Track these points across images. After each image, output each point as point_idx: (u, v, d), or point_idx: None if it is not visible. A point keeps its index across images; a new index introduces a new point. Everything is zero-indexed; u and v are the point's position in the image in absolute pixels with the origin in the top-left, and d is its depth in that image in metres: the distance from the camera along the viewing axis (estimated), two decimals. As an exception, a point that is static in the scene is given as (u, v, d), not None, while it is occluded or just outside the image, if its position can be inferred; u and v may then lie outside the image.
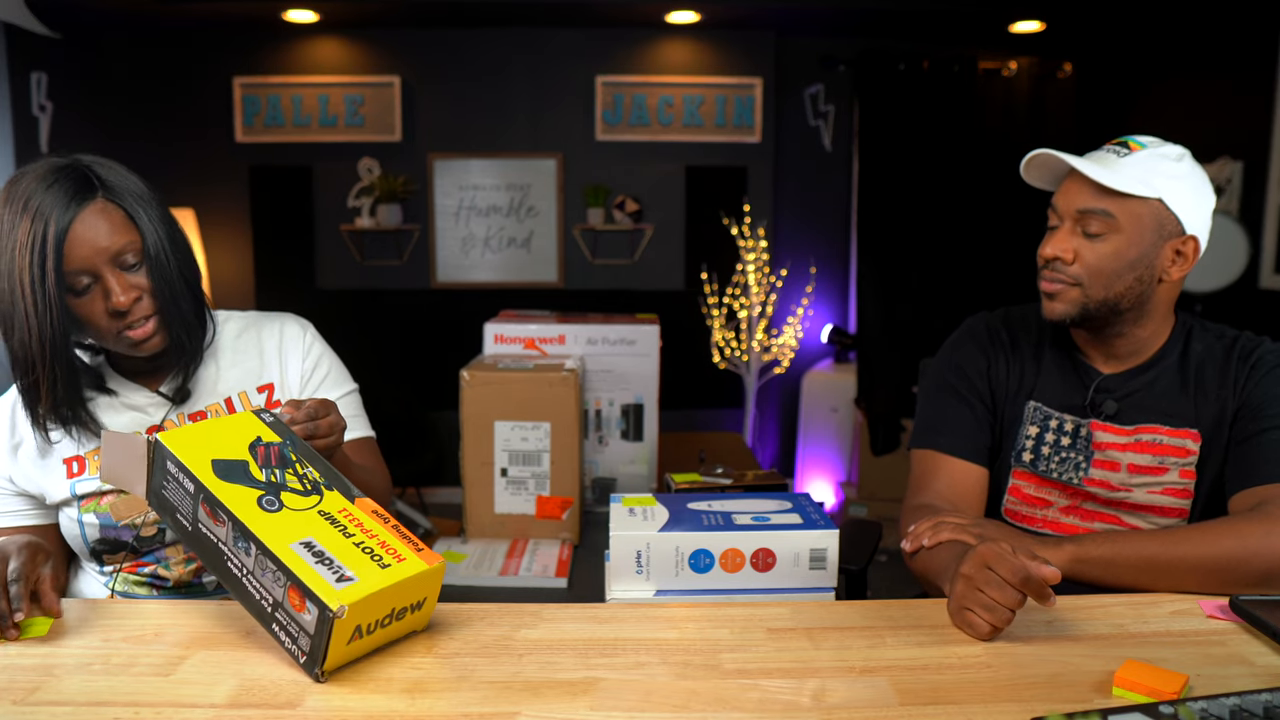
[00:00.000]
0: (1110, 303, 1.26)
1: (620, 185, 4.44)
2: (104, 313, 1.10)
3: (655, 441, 2.01)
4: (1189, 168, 1.26)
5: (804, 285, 4.56)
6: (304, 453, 1.01)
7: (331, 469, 1.01)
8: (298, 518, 0.93)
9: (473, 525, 1.80)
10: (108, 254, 1.08)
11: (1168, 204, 1.22)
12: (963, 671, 0.87)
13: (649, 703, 0.82)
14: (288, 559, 0.87)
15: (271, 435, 1.02)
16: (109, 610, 1.03)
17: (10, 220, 1.05)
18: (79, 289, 1.09)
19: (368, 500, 0.99)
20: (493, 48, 4.36)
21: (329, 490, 0.98)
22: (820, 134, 4.55)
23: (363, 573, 0.88)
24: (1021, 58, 4.37)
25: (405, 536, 0.95)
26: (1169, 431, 1.28)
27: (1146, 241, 1.23)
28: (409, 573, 0.90)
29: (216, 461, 0.95)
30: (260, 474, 0.96)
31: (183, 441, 0.97)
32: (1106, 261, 1.24)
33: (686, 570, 1.07)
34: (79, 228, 1.06)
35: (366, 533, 0.94)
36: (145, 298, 1.13)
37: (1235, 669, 0.88)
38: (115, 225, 1.09)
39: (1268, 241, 3.38)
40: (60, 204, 1.05)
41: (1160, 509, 1.28)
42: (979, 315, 1.48)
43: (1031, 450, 1.35)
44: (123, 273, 1.11)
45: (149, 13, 3.92)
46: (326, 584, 0.85)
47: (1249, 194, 3.48)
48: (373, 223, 4.41)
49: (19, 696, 0.82)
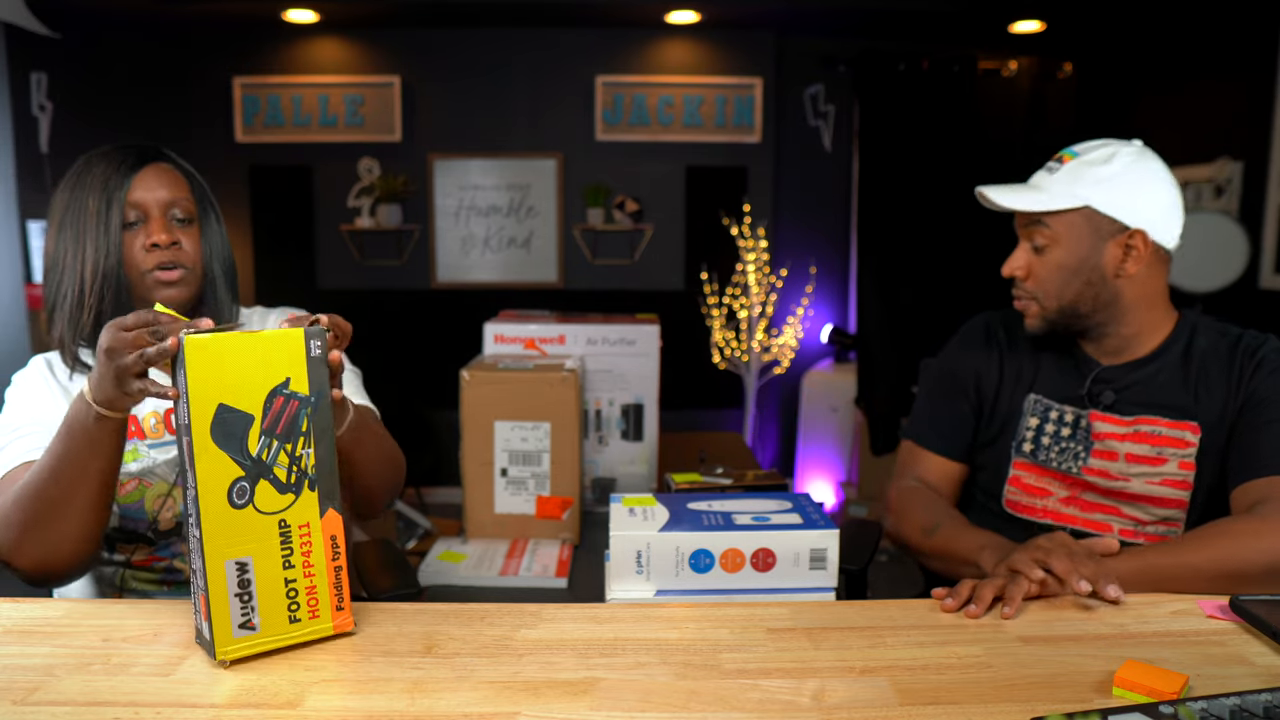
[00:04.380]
0: (1069, 309, 1.32)
1: (620, 185, 4.44)
2: (142, 247, 1.21)
3: (655, 441, 2.01)
4: (1122, 165, 1.28)
5: (804, 285, 4.56)
6: (318, 423, 0.93)
7: (332, 456, 0.94)
8: (255, 524, 0.89)
9: (473, 525, 1.80)
10: (162, 201, 1.23)
11: (1096, 208, 1.28)
12: (963, 671, 0.88)
13: (649, 703, 0.82)
14: (213, 574, 0.87)
15: (303, 382, 0.91)
16: (109, 610, 1.03)
17: (87, 170, 1.22)
18: (128, 220, 1.22)
19: (337, 518, 0.94)
20: (493, 48, 4.36)
21: (310, 490, 0.92)
22: (820, 134, 4.55)
23: (268, 624, 0.90)
24: (1021, 58, 4.37)
25: (338, 586, 0.94)
26: (1168, 423, 1.29)
27: (1085, 247, 1.29)
28: (310, 636, 0.93)
29: (222, 409, 0.87)
30: (256, 443, 0.89)
31: (206, 359, 0.86)
32: (1052, 273, 1.31)
33: (686, 570, 1.07)
34: (145, 174, 1.23)
35: (306, 567, 0.92)
36: (183, 250, 1.23)
37: (1235, 669, 0.88)
38: (175, 182, 1.25)
39: (1268, 241, 3.38)
40: (134, 157, 1.23)
41: (1159, 499, 1.29)
42: (980, 315, 1.52)
43: (1032, 441, 1.38)
44: (169, 222, 1.24)
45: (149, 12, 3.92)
46: (228, 625, 0.88)
47: (1249, 194, 3.48)
48: (373, 223, 4.41)
49: (19, 696, 0.82)
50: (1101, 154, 1.30)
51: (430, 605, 1.04)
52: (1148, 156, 1.31)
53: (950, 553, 1.28)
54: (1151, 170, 1.30)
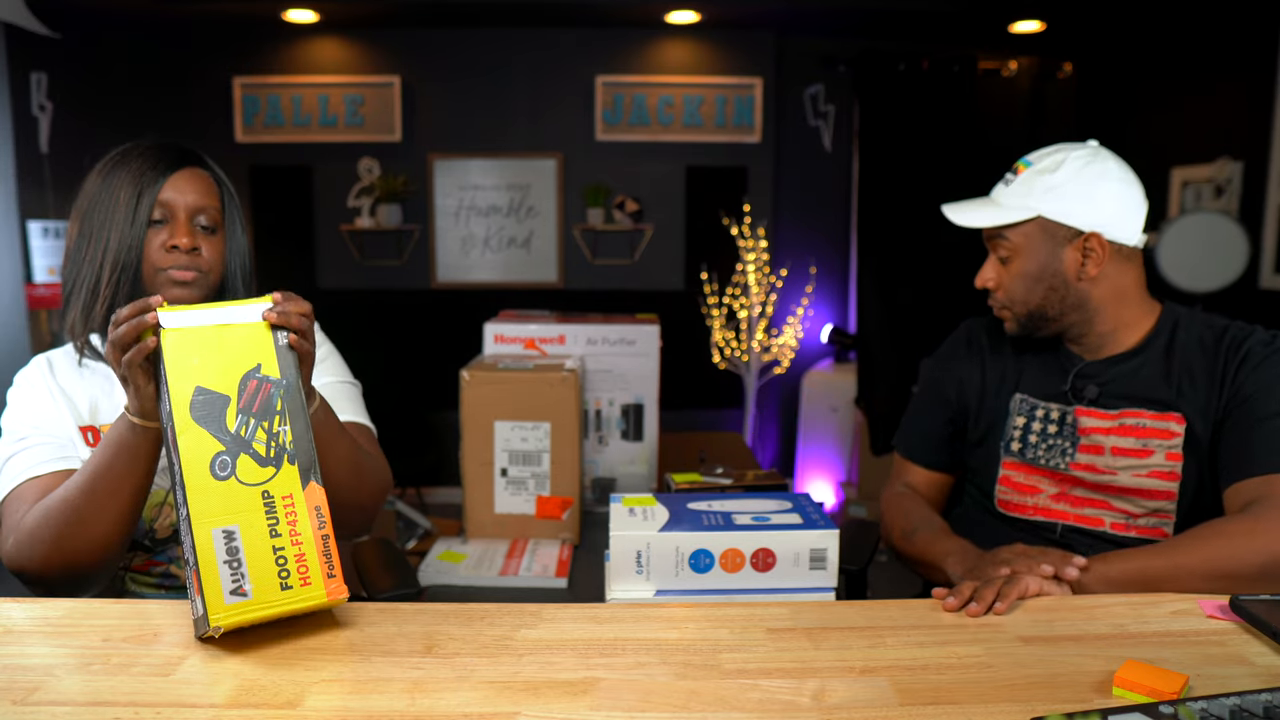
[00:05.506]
0: (1038, 314, 1.36)
1: (620, 185, 4.45)
2: (160, 246, 1.22)
3: (655, 441, 2.01)
4: (1070, 171, 1.30)
5: (804, 285, 4.56)
6: (291, 403, 0.98)
7: (309, 433, 0.98)
8: (239, 494, 0.92)
9: (473, 525, 1.80)
10: (189, 206, 1.24)
11: (1048, 216, 1.31)
12: (963, 671, 0.88)
13: (649, 703, 0.82)
14: (201, 545, 0.89)
15: (273, 367, 0.98)
16: (109, 610, 1.03)
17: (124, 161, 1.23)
18: (155, 218, 1.23)
19: (320, 490, 0.97)
20: (493, 48, 4.36)
21: (290, 464, 0.95)
22: (820, 134, 4.55)
23: (260, 590, 0.90)
24: (1021, 58, 4.37)
25: (327, 554, 0.94)
26: (1152, 415, 1.30)
27: (1043, 255, 1.33)
28: (304, 605, 0.92)
29: (199, 391, 0.93)
30: (234, 421, 0.94)
31: (182, 344, 0.94)
32: (1015, 281, 1.36)
33: (686, 570, 1.07)
34: (179, 176, 1.24)
35: (293, 535, 0.93)
36: (202, 254, 1.24)
37: (1235, 669, 0.88)
38: (208, 190, 1.27)
39: (1268, 241, 3.38)
40: (172, 157, 1.25)
41: (1147, 492, 1.30)
42: (965, 322, 1.57)
43: (1019, 439, 1.40)
44: (194, 227, 1.25)
45: (149, 12, 3.92)
46: (219, 592, 0.88)
47: (1249, 194, 3.48)
48: (373, 223, 4.41)
49: (19, 696, 0.82)
50: (1051, 161, 1.33)
51: (430, 605, 1.04)
52: (1100, 158, 1.32)
53: (924, 557, 1.35)
54: (1101, 172, 1.30)
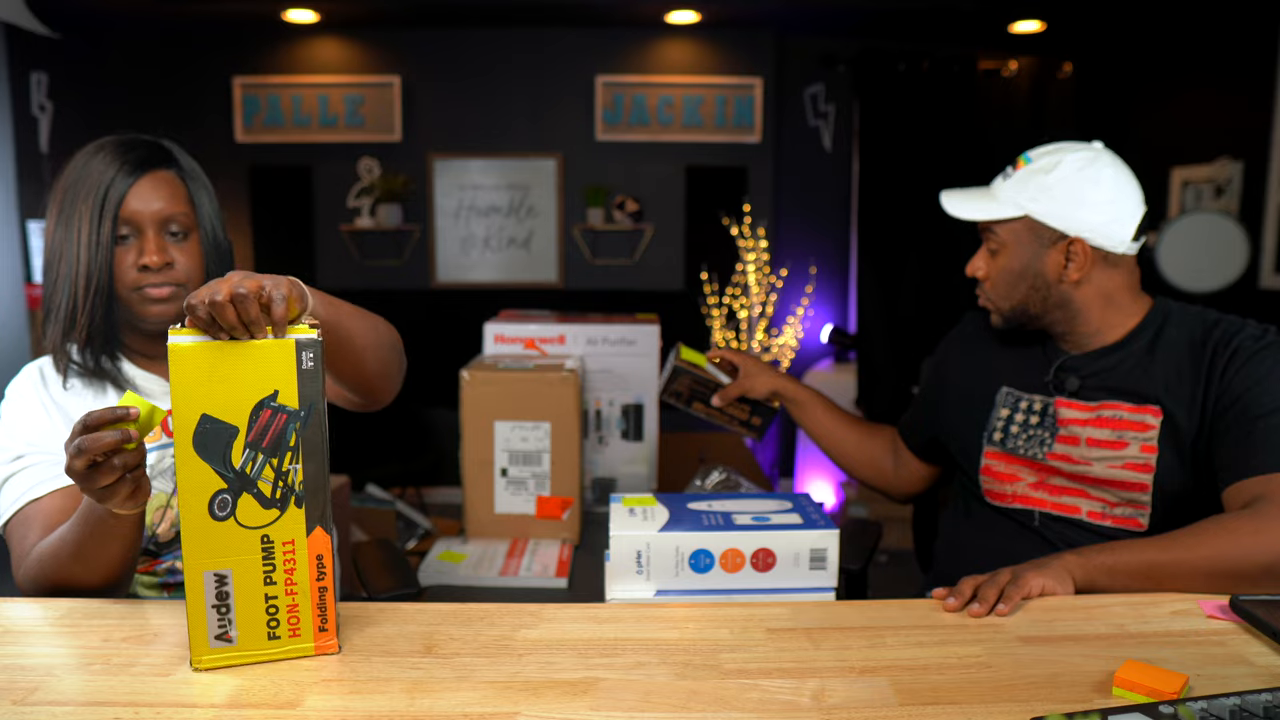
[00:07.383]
0: (1019, 310, 1.38)
1: (620, 185, 4.44)
2: (132, 265, 1.17)
3: (655, 441, 2.01)
4: (1064, 174, 1.31)
5: (804, 285, 4.56)
6: (308, 438, 0.89)
7: (324, 471, 0.90)
8: (237, 537, 0.87)
9: (472, 525, 1.80)
10: (157, 216, 1.17)
11: (1035, 217, 1.32)
12: (963, 671, 0.87)
13: (649, 703, 0.82)
14: (191, 585, 0.86)
15: (292, 395, 0.87)
16: (109, 610, 1.03)
17: (86, 167, 1.16)
18: (121, 234, 1.17)
19: (325, 538, 0.91)
20: (493, 48, 4.36)
21: (297, 507, 0.89)
22: (820, 134, 4.55)
23: (245, 637, 0.89)
24: (1021, 58, 4.37)
25: (322, 607, 0.91)
26: (1130, 408, 1.30)
27: (1027, 253, 1.35)
28: (288, 654, 0.91)
29: (205, 420, 0.85)
30: (240, 456, 0.86)
31: (191, 368, 0.85)
32: (1001, 275, 1.38)
33: (686, 570, 1.07)
34: (142, 184, 1.16)
35: (289, 585, 0.90)
36: (177, 267, 1.19)
37: (1235, 669, 0.88)
38: (174, 194, 1.19)
39: (1268, 241, 3.38)
40: (132, 162, 1.16)
41: (1121, 483, 1.29)
42: (966, 316, 1.60)
43: (1001, 430, 1.42)
44: (164, 238, 1.18)
45: (149, 12, 3.92)
46: (204, 635, 0.87)
47: (1249, 194, 3.48)
48: (373, 223, 4.41)
49: (19, 696, 0.82)
50: (1048, 161, 1.33)
51: (430, 605, 1.04)
52: (1097, 163, 1.31)
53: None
54: (1094, 178, 1.30)
